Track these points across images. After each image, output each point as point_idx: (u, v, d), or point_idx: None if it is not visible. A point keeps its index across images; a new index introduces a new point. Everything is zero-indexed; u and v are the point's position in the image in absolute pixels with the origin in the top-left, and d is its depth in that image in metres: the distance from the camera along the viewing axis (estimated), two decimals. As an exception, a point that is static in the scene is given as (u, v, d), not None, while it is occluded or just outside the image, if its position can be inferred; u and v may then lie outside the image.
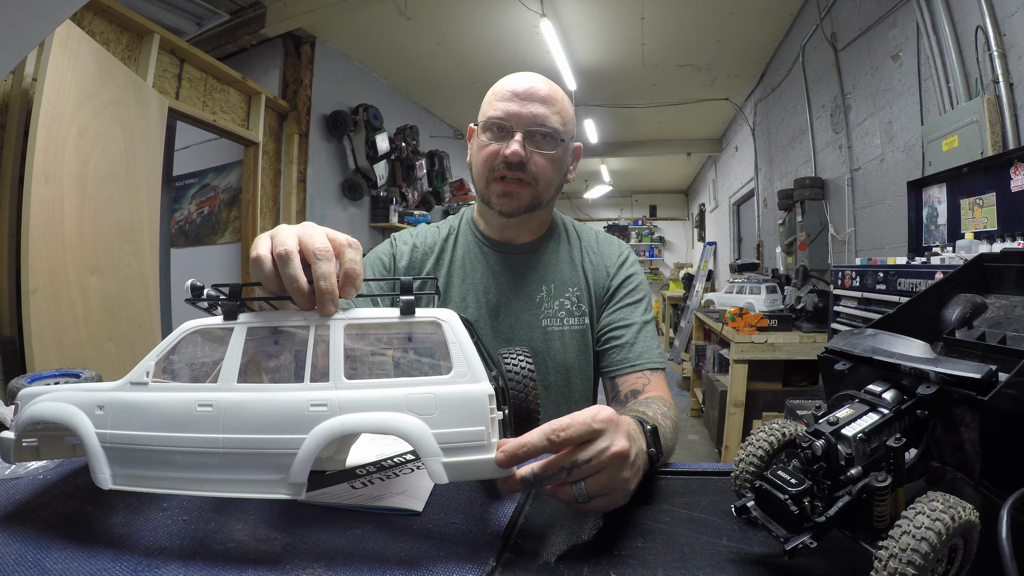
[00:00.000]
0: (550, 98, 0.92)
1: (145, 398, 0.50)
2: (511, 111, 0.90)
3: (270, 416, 0.48)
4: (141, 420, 0.49)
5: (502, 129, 0.92)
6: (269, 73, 3.86)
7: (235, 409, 0.48)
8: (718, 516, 0.56)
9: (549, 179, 0.95)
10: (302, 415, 0.48)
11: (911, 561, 0.35)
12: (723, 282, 5.51)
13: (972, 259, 0.68)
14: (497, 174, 0.93)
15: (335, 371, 0.49)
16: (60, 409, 0.51)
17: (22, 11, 0.55)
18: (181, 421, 0.49)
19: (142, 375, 0.51)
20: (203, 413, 0.49)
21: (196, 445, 0.48)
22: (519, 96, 0.91)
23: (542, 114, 0.91)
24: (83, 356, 2.04)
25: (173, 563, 0.47)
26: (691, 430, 4.04)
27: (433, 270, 1.05)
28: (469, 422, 0.48)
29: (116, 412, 0.50)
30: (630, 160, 8.04)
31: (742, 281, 3.78)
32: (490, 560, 0.48)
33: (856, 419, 0.46)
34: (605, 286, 1.05)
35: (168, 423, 0.49)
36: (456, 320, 0.52)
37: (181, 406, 0.49)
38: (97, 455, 0.49)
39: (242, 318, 0.52)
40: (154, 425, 0.49)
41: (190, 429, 0.48)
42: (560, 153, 0.94)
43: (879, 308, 1.87)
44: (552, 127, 0.91)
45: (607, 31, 4.05)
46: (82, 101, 2.09)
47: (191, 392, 0.50)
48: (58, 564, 0.47)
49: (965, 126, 1.88)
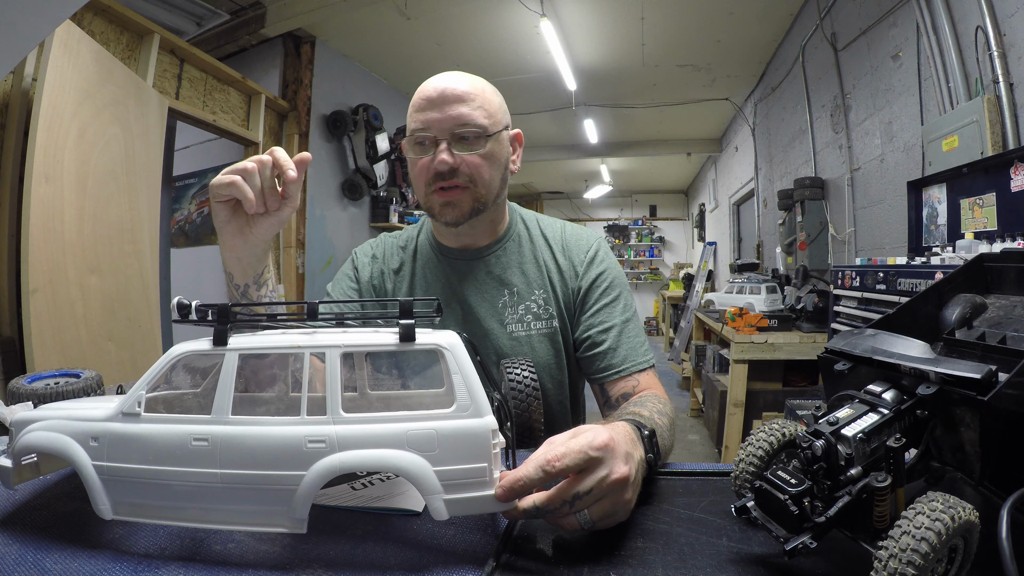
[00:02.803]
0: (468, 95, 0.88)
1: (139, 430, 0.49)
2: (430, 119, 0.87)
3: (268, 452, 0.47)
4: (136, 453, 0.48)
5: (427, 140, 0.88)
6: (269, 73, 3.86)
7: (231, 444, 0.47)
8: (718, 516, 0.56)
9: (487, 178, 0.90)
10: (300, 451, 0.47)
11: (911, 561, 0.35)
12: (723, 282, 5.51)
13: (972, 259, 0.68)
14: (434, 187, 0.90)
15: (332, 404, 0.48)
16: (55, 440, 0.50)
17: (22, 11, 0.55)
18: (177, 455, 0.47)
19: (133, 405, 0.50)
20: (199, 447, 0.47)
21: (194, 479, 0.47)
22: (435, 102, 0.87)
23: (463, 114, 0.86)
24: (83, 356, 2.03)
25: (173, 563, 0.47)
26: (691, 430, 4.04)
27: (395, 280, 1.03)
28: (471, 458, 0.47)
29: (110, 444, 0.49)
30: (630, 160, 8.03)
31: (742, 281, 3.78)
32: (490, 560, 0.48)
33: (856, 419, 0.46)
34: (575, 288, 1.00)
35: (164, 457, 0.48)
36: (458, 346, 0.50)
37: (176, 439, 0.48)
38: (95, 487, 0.49)
39: (233, 342, 0.50)
40: (150, 459, 0.48)
41: (187, 463, 0.47)
42: (493, 148, 0.90)
43: (879, 308, 1.86)
44: (477, 124, 0.87)
45: (607, 31, 4.05)
46: (82, 101, 2.09)
47: (185, 425, 0.48)
48: (58, 564, 0.47)
49: (965, 126, 1.88)
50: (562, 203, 10.92)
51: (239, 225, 0.73)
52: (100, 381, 0.94)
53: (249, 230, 0.73)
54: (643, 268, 10.77)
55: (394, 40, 4.09)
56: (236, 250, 0.74)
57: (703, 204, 8.46)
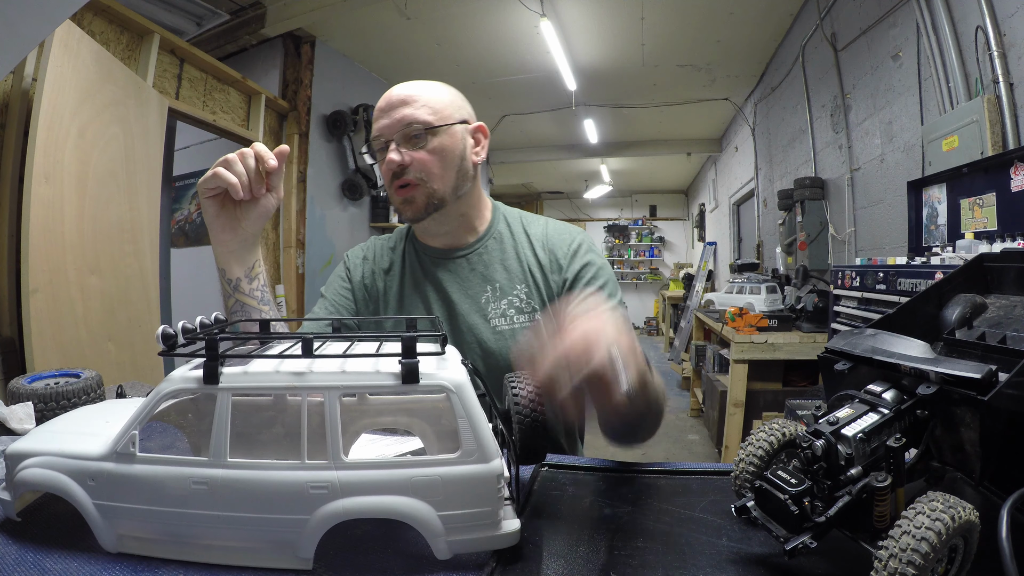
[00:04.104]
0: (412, 97, 0.93)
1: (135, 472, 0.48)
2: (381, 126, 0.93)
3: (269, 497, 0.46)
4: (135, 495, 0.48)
5: (382, 147, 0.95)
6: (269, 73, 3.86)
7: (231, 488, 0.46)
8: (718, 516, 0.56)
9: (439, 172, 0.94)
10: (303, 496, 0.46)
11: (911, 561, 0.35)
12: (723, 282, 5.51)
13: (972, 259, 0.68)
14: (393, 187, 0.95)
15: (333, 450, 0.46)
16: (53, 478, 0.50)
17: (22, 11, 0.55)
18: (176, 498, 0.47)
19: (128, 446, 0.48)
20: (198, 490, 0.47)
21: (196, 521, 0.47)
22: (384, 109, 0.94)
23: (407, 114, 0.92)
24: (83, 356, 2.03)
25: (173, 563, 0.47)
26: (691, 430, 4.03)
27: (385, 280, 1.06)
28: (476, 503, 0.47)
29: (108, 485, 0.48)
30: (630, 160, 8.03)
31: (742, 281, 3.78)
32: (490, 561, 0.48)
33: (856, 419, 0.46)
34: (559, 281, 1.01)
35: (163, 499, 0.47)
36: (465, 386, 0.48)
37: (175, 482, 0.47)
38: (98, 523, 0.48)
39: (226, 375, 0.47)
40: (150, 500, 0.47)
41: (187, 505, 0.47)
42: (442, 142, 0.94)
43: (879, 308, 1.87)
44: (421, 120, 0.92)
45: (607, 31, 4.05)
46: (82, 101, 2.09)
47: (182, 468, 0.47)
48: (58, 564, 0.47)
49: (965, 126, 1.88)
50: (562, 203, 10.92)
51: (228, 218, 0.79)
52: (100, 381, 0.94)
53: (238, 223, 0.79)
54: (643, 268, 10.77)
55: (394, 40, 4.09)
56: (227, 244, 0.80)
57: (703, 204, 8.46)
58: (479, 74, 4.74)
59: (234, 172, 0.74)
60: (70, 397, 0.87)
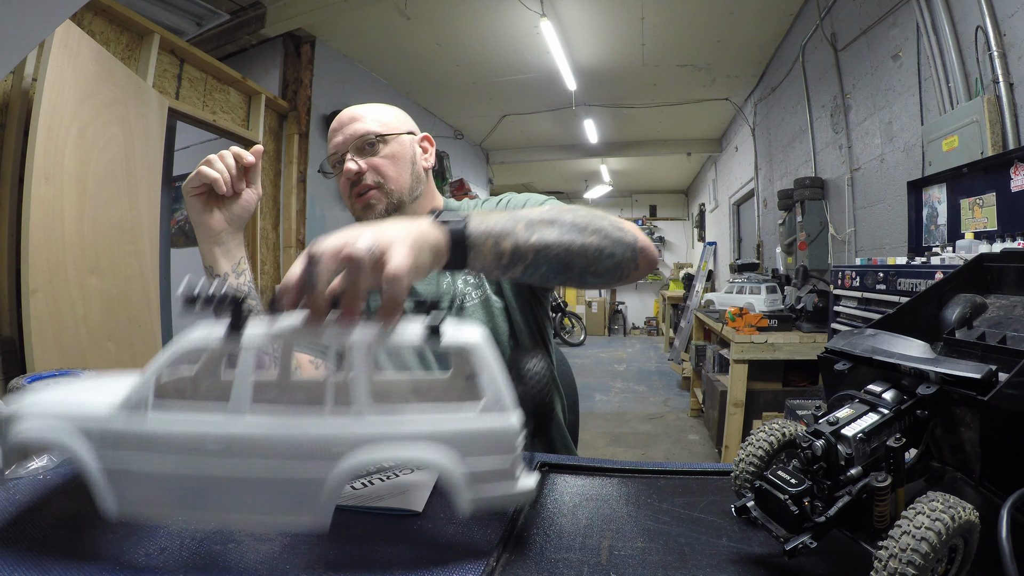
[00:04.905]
0: (361, 114, 1.02)
1: (147, 427, 0.46)
2: (336, 143, 1.01)
3: (290, 448, 0.45)
4: (146, 452, 0.46)
5: (338, 162, 1.01)
6: (269, 73, 3.85)
7: (250, 441, 0.45)
8: (718, 516, 0.56)
9: (394, 175, 1.01)
10: (325, 447, 0.46)
11: (911, 561, 0.35)
12: (723, 282, 5.51)
13: (972, 259, 0.68)
14: (353, 196, 1.02)
15: (358, 399, 0.47)
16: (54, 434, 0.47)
17: (22, 11, 0.55)
18: (190, 454, 0.45)
19: (140, 401, 0.47)
20: (215, 446, 0.45)
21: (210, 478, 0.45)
22: (337, 129, 1.02)
23: (358, 128, 1.00)
24: (83, 356, 2.03)
25: (173, 563, 0.47)
26: (691, 430, 4.04)
27: None
28: (497, 454, 0.48)
29: (117, 442, 0.46)
30: (630, 160, 8.03)
31: (742, 281, 3.78)
32: (490, 560, 0.48)
33: (856, 419, 0.46)
34: None
35: (175, 455, 0.45)
36: (486, 343, 0.50)
37: (189, 438, 0.46)
38: (100, 485, 0.46)
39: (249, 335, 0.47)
40: (160, 458, 0.46)
41: (201, 462, 0.45)
42: (393, 149, 1.02)
43: (879, 308, 1.86)
44: (372, 131, 1.00)
45: (607, 31, 4.05)
46: (82, 101, 2.09)
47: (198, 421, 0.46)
48: (58, 564, 0.47)
49: (965, 126, 1.88)
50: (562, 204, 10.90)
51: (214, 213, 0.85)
52: (100, 381, 0.94)
53: (223, 217, 0.85)
54: (643, 268, 10.76)
55: (394, 40, 4.09)
56: (215, 239, 0.86)
57: (703, 204, 8.46)
58: (479, 74, 4.74)
59: (216, 169, 0.81)
60: (70, 397, 0.87)
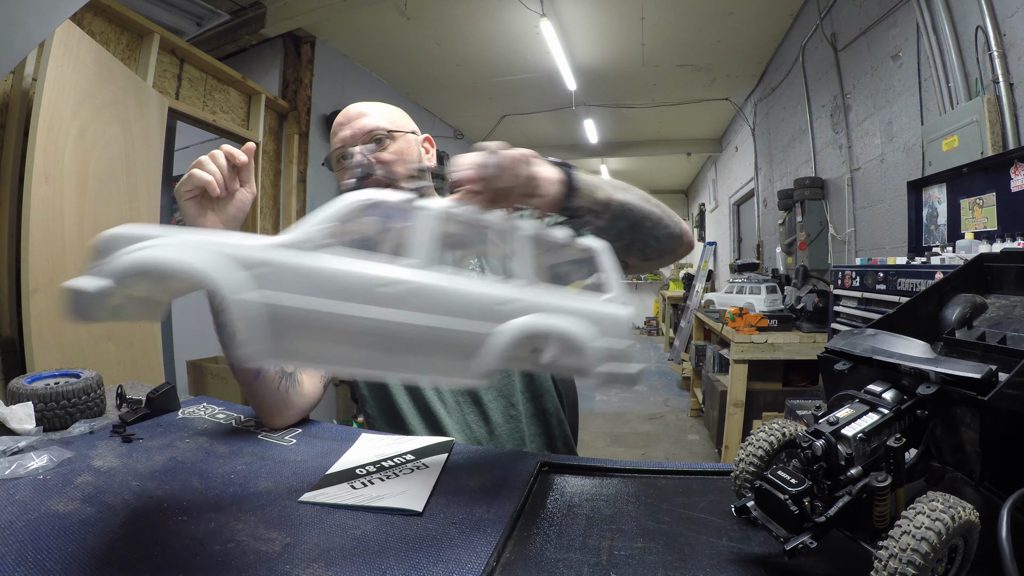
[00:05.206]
0: (368, 110, 1.03)
1: (314, 262, 0.43)
2: (343, 136, 1.01)
3: (465, 304, 0.48)
4: (307, 287, 0.42)
5: (344, 156, 1.01)
6: (269, 73, 3.86)
7: (427, 291, 0.46)
8: (718, 516, 0.56)
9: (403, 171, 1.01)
10: (495, 308, 0.49)
11: (911, 561, 0.35)
12: (723, 282, 5.51)
13: (972, 259, 0.68)
14: None
15: (525, 271, 0.54)
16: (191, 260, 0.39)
17: (22, 11, 0.55)
18: (358, 294, 0.43)
19: (307, 240, 0.44)
20: (387, 291, 0.44)
21: (375, 324, 0.44)
22: (343, 123, 1.02)
23: (367, 124, 1.01)
24: (83, 356, 2.03)
25: (173, 563, 0.47)
26: (691, 430, 4.03)
27: None
28: (621, 336, 0.56)
29: (274, 274, 0.41)
30: (630, 160, 8.03)
31: (742, 281, 3.77)
32: (490, 560, 0.48)
33: (856, 419, 0.46)
34: None
35: (341, 295, 0.43)
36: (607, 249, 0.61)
37: (359, 279, 0.44)
38: (249, 321, 0.40)
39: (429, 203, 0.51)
40: (324, 294, 0.42)
41: (369, 303, 0.43)
42: (401, 145, 1.03)
43: (879, 308, 1.86)
44: (381, 127, 1.01)
45: (607, 31, 4.05)
46: (82, 101, 2.09)
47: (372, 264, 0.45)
48: (58, 564, 0.47)
49: (965, 126, 1.88)
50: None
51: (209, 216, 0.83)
52: (100, 381, 0.94)
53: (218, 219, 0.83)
54: (643, 268, 10.75)
55: (394, 40, 4.09)
56: None
57: (703, 204, 8.46)
58: (479, 74, 4.74)
59: (208, 171, 0.79)
60: (70, 397, 0.87)
